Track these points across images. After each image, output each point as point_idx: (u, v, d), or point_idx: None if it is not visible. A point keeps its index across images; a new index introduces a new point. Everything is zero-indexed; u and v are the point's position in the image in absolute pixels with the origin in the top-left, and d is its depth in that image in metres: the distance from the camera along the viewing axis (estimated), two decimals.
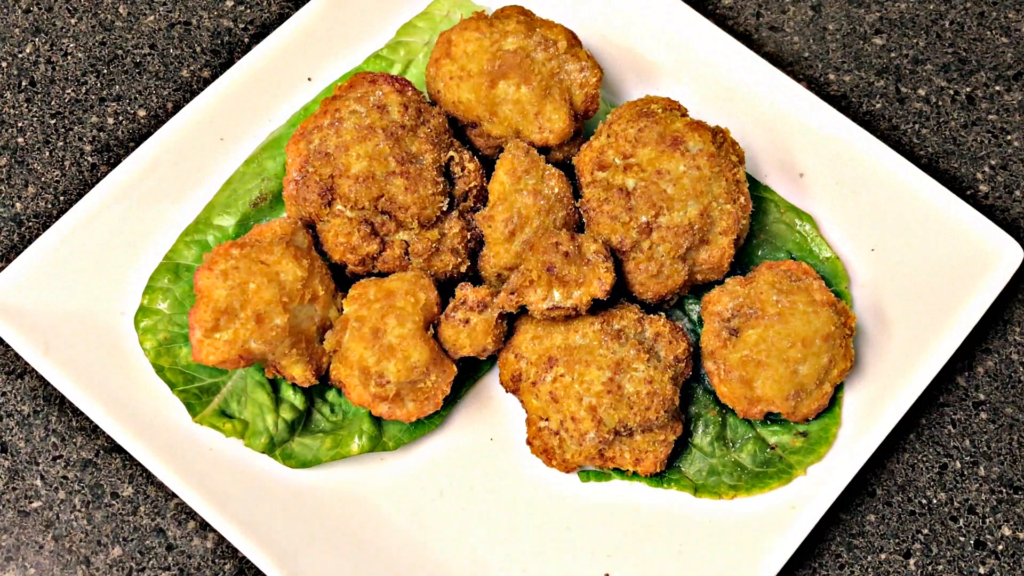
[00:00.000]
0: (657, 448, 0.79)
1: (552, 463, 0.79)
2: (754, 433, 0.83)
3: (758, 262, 0.87)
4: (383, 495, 0.81)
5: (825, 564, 0.83)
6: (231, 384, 0.81)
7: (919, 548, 0.83)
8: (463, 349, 0.79)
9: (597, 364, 0.78)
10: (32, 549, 0.83)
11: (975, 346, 0.89)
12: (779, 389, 0.78)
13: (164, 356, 0.81)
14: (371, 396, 0.77)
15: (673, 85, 0.92)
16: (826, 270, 0.86)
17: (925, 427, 0.87)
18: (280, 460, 0.80)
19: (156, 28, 1.00)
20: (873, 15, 1.01)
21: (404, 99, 0.81)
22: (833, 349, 0.79)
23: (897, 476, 0.85)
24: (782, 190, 0.89)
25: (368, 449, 0.81)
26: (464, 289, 0.80)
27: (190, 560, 0.82)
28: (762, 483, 0.81)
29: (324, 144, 0.79)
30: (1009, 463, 0.86)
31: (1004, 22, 1.01)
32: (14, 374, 0.87)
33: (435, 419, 0.83)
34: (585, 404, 0.77)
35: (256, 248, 0.77)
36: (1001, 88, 0.98)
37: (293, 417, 0.81)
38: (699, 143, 0.81)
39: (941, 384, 0.88)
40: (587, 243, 0.78)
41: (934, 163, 0.95)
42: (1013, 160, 0.95)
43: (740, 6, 1.01)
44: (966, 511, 0.84)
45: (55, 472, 0.84)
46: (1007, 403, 0.87)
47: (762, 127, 0.90)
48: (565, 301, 0.77)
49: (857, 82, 0.98)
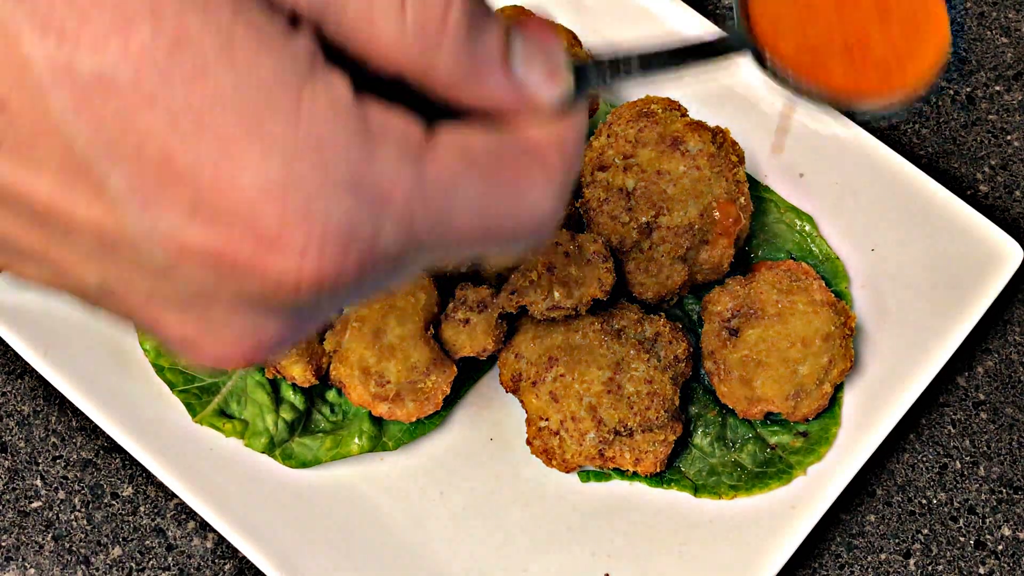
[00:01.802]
0: (657, 448, 0.79)
1: (552, 463, 0.79)
2: (754, 433, 0.83)
3: (758, 262, 0.87)
4: (383, 495, 0.81)
5: (825, 564, 0.83)
6: (231, 384, 0.81)
7: (919, 548, 0.83)
8: (463, 349, 0.79)
9: (597, 364, 0.78)
10: (32, 549, 0.83)
11: (975, 346, 0.89)
12: (779, 389, 0.78)
13: (164, 356, 0.81)
14: (371, 396, 0.77)
15: (673, 85, 0.92)
16: (826, 270, 0.86)
17: (925, 427, 0.87)
18: (280, 460, 0.80)
19: None
20: None
21: None
22: (833, 349, 0.79)
23: (897, 476, 0.85)
24: (782, 190, 0.89)
25: (368, 449, 0.81)
26: (464, 289, 0.80)
27: (190, 560, 0.82)
28: (762, 483, 0.81)
29: None
30: (1009, 463, 0.86)
31: (1004, 22, 1.01)
32: (14, 374, 0.87)
33: (435, 419, 0.83)
34: (585, 404, 0.77)
35: None
36: (1001, 88, 0.98)
37: (293, 417, 0.81)
38: (699, 143, 0.81)
39: (941, 384, 0.87)
40: (587, 243, 0.78)
41: (934, 163, 0.95)
42: (1013, 160, 0.95)
43: None
44: (966, 511, 0.84)
45: (55, 472, 0.84)
46: (1007, 403, 0.87)
47: (762, 127, 0.90)
48: (565, 301, 0.77)
49: None
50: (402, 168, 0.33)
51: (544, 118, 0.38)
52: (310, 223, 0.32)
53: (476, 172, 0.35)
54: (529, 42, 0.38)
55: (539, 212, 0.37)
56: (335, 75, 0.33)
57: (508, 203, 0.36)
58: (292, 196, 0.32)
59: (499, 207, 0.36)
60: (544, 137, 0.38)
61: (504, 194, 0.36)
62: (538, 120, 0.38)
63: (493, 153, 0.36)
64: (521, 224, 0.37)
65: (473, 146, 0.36)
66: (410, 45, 0.34)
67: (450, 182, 0.35)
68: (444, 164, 0.34)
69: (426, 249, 0.35)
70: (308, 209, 0.32)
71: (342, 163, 0.32)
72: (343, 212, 0.32)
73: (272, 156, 0.31)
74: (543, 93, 0.38)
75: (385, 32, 0.34)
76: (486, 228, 0.36)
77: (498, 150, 0.36)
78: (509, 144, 0.37)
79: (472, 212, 0.35)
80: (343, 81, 0.33)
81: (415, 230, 0.34)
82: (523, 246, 0.39)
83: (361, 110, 0.33)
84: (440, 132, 0.35)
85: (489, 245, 0.37)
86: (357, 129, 0.33)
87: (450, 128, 0.36)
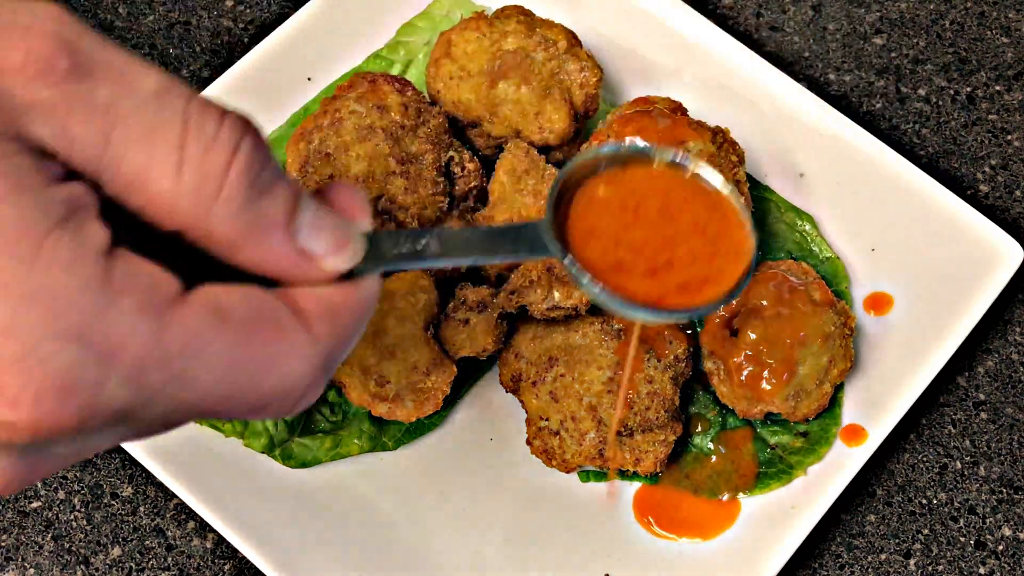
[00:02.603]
0: (657, 448, 0.79)
1: (552, 463, 0.79)
2: (754, 433, 0.83)
3: (758, 262, 0.87)
4: (383, 495, 0.81)
5: (825, 564, 0.83)
6: None
7: (919, 548, 0.83)
8: (463, 349, 0.79)
9: (597, 364, 0.78)
10: (32, 549, 0.83)
11: (975, 346, 0.89)
12: (779, 389, 0.78)
13: None
14: (371, 396, 0.77)
15: (673, 85, 0.92)
16: (826, 270, 0.86)
17: (925, 427, 0.87)
18: (280, 460, 0.80)
19: (156, 28, 1.00)
20: (873, 15, 1.01)
21: (404, 99, 0.81)
22: (833, 349, 0.79)
23: (897, 476, 0.85)
24: (782, 190, 0.89)
25: (368, 449, 0.81)
26: (464, 289, 0.80)
27: (190, 560, 0.82)
28: (762, 483, 0.81)
29: (324, 144, 0.79)
30: (1009, 463, 0.86)
31: (1004, 22, 1.01)
32: None
33: (435, 419, 0.83)
34: (585, 404, 0.77)
35: None
36: (1001, 88, 0.98)
37: (293, 417, 0.81)
38: (699, 143, 0.81)
39: (941, 384, 0.87)
40: None
41: (934, 163, 0.95)
42: (1013, 160, 0.95)
43: (740, 6, 1.01)
44: (966, 511, 0.84)
45: (55, 472, 0.84)
46: (1007, 403, 0.87)
47: (762, 127, 0.90)
48: (565, 301, 0.77)
49: (857, 82, 0.98)
50: (139, 322, 0.33)
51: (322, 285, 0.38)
52: (27, 371, 0.32)
53: (227, 333, 0.35)
54: (321, 210, 0.38)
55: (289, 382, 0.37)
56: (93, 227, 0.33)
57: (256, 368, 0.36)
58: (11, 343, 0.31)
59: (246, 371, 0.35)
60: (316, 305, 0.37)
61: (253, 359, 0.35)
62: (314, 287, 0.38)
63: (251, 315, 0.36)
64: (268, 391, 0.36)
65: (230, 306, 0.35)
66: (185, 205, 0.34)
67: (195, 340, 0.34)
68: (191, 322, 0.34)
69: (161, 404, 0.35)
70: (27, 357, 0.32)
71: (73, 313, 0.32)
72: (64, 362, 0.32)
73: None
74: (327, 262, 0.38)
75: (161, 190, 0.34)
76: (230, 391, 0.35)
77: (258, 313, 0.36)
78: (272, 308, 0.36)
79: (216, 373, 0.35)
80: (99, 234, 0.33)
81: (146, 385, 0.34)
82: (266, 417, 0.38)
83: (109, 262, 0.33)
84: (197, 290, 0.35)
85: (234, 409, 0.36)
86: (96, 280, 0.33)
87: (209, 287, 0.35)
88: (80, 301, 0.32)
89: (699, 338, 0.83)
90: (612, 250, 0.45)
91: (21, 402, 0.32)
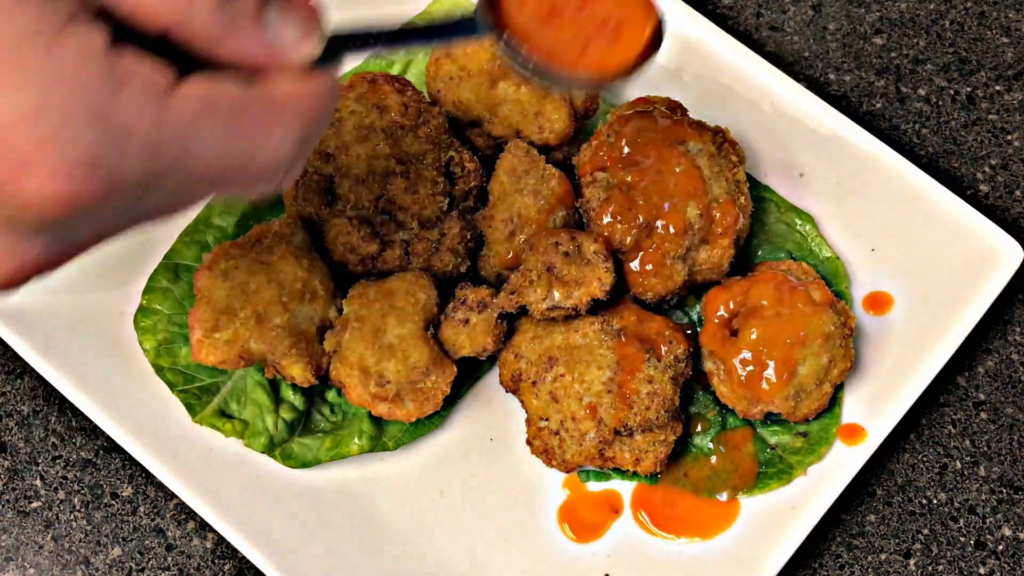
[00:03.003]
0: (657, 448, 0.79)
1: (552, 463, 0.79)
2: (754, 433, 0.83)
3: (758, 262, 0.87)
4: (383, 495, 0.81)
5: (825, 564, 0.83)
6: (231, 384, 0.81)
7: (919, 548, 0.83)
8: (463, 349, 0.79)
9: (597, 364, 0.78)
10: (32, 549, 0.83)
11: (975, 346, 0.89)
12: (779, 389, 0.78)
13: (164, 356, 0.81)
14: (371, 396, 0.77)
15: (673, 85, 0.92)
16: (826, 270, 0.86)
17: (925, 427, 0.87)
18: (280, 460, 0.80)
19: None
20: (873, 15, 1.01)
21: (404, 99, 0.81)
22: (833, 349, 0.79)
23: (897, 476, 0.85)
24: (782, 190, 0.89)
25: (368, 449, 0.81)
26: (464, 289, 0.80)
27: (190, 560, 0.82)
28: (762, 483, 0.81)
29: (324, 144, 0.79)
30: (1009, 463, 0.86)
31: (1004, 22, 1.01)
32: (14, 374, 0.87)
33: (435, 419, 0.83)
34: (585, 404, 0.77)
35: (256, 248, 0.77)
36: (1001, 88, 0.98)
37: (293, 417, 0.81)
38: (699, 143, 0.81)
39: (941, 384, 0.87)
40: (587, 243, 0.78)
41: (934, 163, 0.95)
42: (1013, 160, 0.95)
43: (740, 6, 1.01)
44: (966, 511, 0.84)
45: (55, 472, 0.84)
46: (1007, 403, 0.87)
47: (762, 127, 0.90)
48: (565, 301, 0.77)
49: (857, 82, 0.98)
50: (144, 106, 0.39)
51: (294, 75, 0.45)
52: (59, 148, 0.37)
53: (217, 117, 0.41)
54: (285, 4, 0.44)
55: (273, 159, 0.43)
56: (93, 27, 0.39)
57: (245, 147, 0.42)
58: (43, 124, 0.37)
59: (236, 150, 0.42)
60: (288, 93, 0.44)
61: (241, 138, 0.42)
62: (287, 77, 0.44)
63: (236, 102, 0.42)
64: (256, 167, 0.43)
65: (216, 94, 0.42)
66: (169, 6, 0.40)
67: (191, 122, 0.40)
68: (185, 106, 0.40)
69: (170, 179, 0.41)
70: (57, 136, 0.37)
71: (92, 97, 0.38)
72: (89, 140, 0.37)
73: (26, 89, 0.36)
74: (293, 51, 0.44)
75: None
76: (225, 167, 0.42)
77: (241, 100, 0.42)
78: (253, 96, 0.43)
79: (212, 151, 0.41)
80: (100, 32, 0.39)
81: (158, 159, 0.40)
82: (261, 188, 0.45)
83: (112, 56, 0.39)
84: (188, 81, 0.41)
85: (230, 183, 0.43)
86: (104, 71, 0.38)
87: (199, 77, 0.42)
88: (95, 86, 0.38)
89: (699, 338, 0.83)
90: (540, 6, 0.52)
91: (56, 176, 0.37)
